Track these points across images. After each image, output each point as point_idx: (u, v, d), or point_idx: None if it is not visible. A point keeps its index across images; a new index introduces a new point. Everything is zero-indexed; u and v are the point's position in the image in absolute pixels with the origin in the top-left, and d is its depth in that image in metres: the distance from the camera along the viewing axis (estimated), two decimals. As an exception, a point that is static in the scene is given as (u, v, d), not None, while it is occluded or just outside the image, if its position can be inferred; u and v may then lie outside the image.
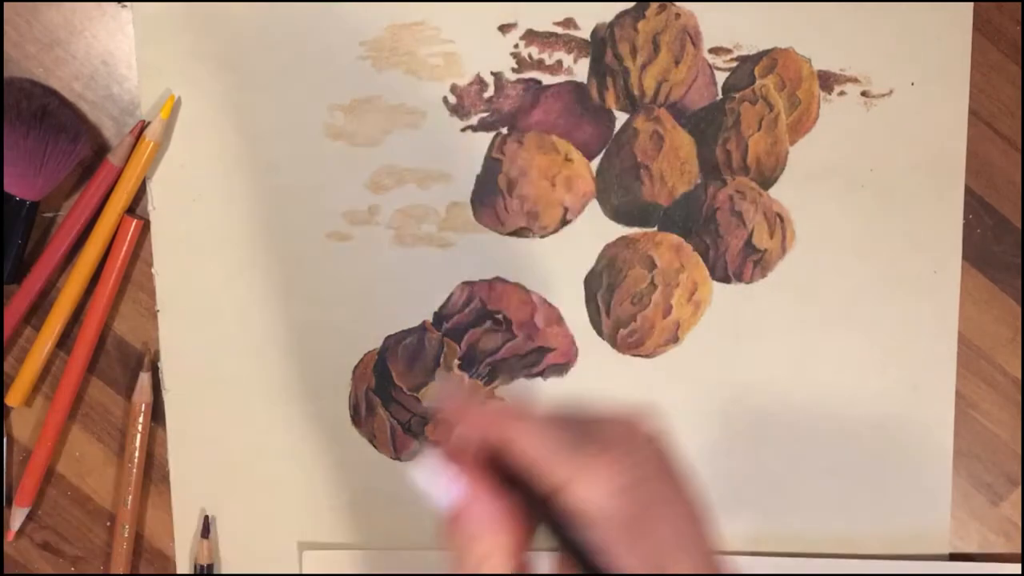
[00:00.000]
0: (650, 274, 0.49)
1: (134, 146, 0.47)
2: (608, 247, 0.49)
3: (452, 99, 0.48)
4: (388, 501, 0.50)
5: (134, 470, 0.49)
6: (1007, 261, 0.50)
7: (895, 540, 0.51)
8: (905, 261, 0.49)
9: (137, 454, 0.49)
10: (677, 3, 0.48)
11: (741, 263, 0.49)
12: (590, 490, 0.29)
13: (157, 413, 0.50)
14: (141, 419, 0.49)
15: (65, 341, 0.49)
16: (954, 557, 0.51)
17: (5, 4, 0.47)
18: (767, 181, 0.49)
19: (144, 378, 0.48)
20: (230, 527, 0.50)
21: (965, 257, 0.50)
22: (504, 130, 0.48)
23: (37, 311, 0.49)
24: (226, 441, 0.50)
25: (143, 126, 0.47)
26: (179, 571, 0.50)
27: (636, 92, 0.48)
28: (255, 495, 0.50)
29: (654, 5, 0.48)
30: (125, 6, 0.48)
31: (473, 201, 0.49)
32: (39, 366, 0.48)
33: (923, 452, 0.50)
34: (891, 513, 0.50)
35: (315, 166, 0.48)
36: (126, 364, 0.49)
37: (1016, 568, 0.50)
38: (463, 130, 0.48)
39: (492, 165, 0.49)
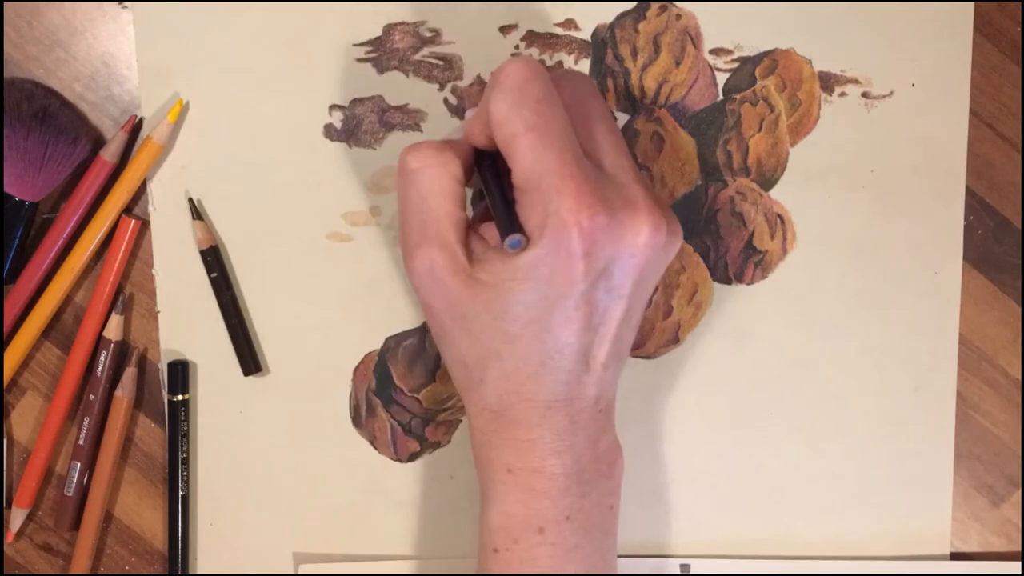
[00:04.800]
0: (651, 275, 0.49)
1: (127, 142, 0.47)
2: (609, 248, 0.49)
3: (453, 100, 0.48)
4: (389, 503, 0.50)
5: (109, 461, 0.49)
6: (1008, 262, 0.50)
7: (896, 541, 0.51)
8: (906, 262, 0.49)
9: (115, 448, 0.49)
10: (678, 4, 0.48)
11: (742, 264, 0.49)
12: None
13: (157, 413, 0.50)
14: (121, 414, 0.49)
15: (65, 341, 0.49)
16: (955, 557, 0.51)
17: (5, 4, 0.47)
18: (768, 182, 0.49)
19: (129, 373, 0.48)
20: (227, 534, 0.50)
21: (966, 258, 0.50)
22: (505, 131, 0.48)
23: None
24: (226, 442, 0.49)
25: (135, 121, 0.47)
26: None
27: (637, 93, 0.48)
28: (255, 497, 0.50)
29: (655, 6, 0.48)
30: (126, 7, 0.48)
31: (474, 202, 0.49)
32: (16, 362, 0.48)
33: (924, 453, 0.50)
34: (892, 514, 0.50)
35: (315, 167, 0.48)
36: (124, 365, 0.49)
37: (1016, 567, 0.50)
38: (464, 131, 0.48)
39: (493, 166, 0.49)
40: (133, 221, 0.48)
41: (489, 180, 0.41)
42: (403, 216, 0.41)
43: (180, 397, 0.48)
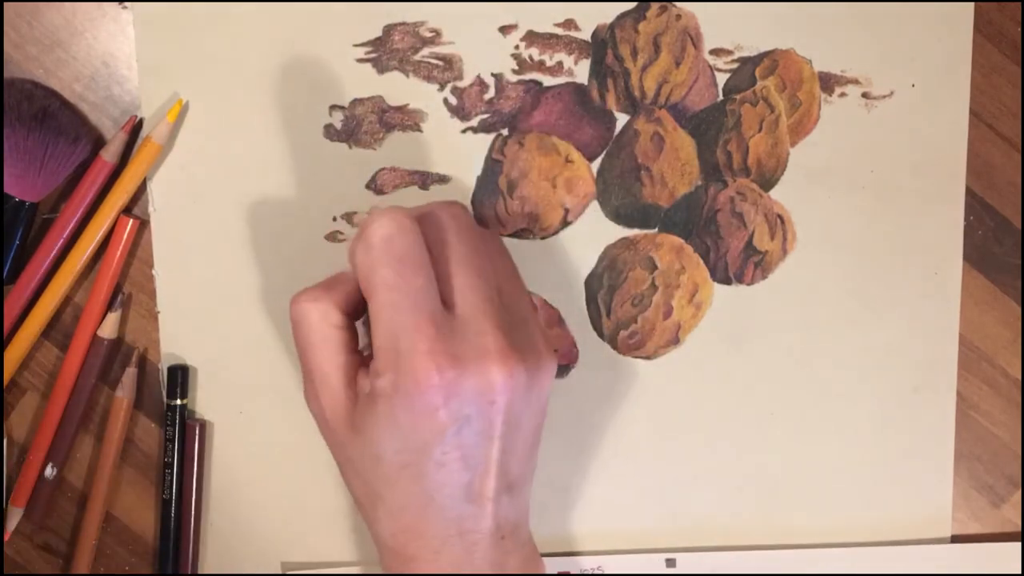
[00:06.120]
0: (651, 276, 0.49)
1: (127, 142, 0.47)
2: (609, 248, 0.49)
3: (452, 100, 0.48)
4: (388, 503, 0.50)
5: (109, 461, 0.49)
6: (1008, 262, 0.50)
7: (895, 540, 0.51)
8: (906, 262, 0.49)
9: (115, 448, 0.49)
10: (678, 4, 0.48)
11: (742, 264, 0.49)
12: None
13: (157, 414, 0.50)
14: (121, 414, 0.48)
15: (64, 341, 0.49)
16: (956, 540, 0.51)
17: (5, 5, 0.47)
18: (768, 182, 0.49)
19: (130, 373, 0.48)
20: (227, 534, 0.50)
21: (966, 258, 0.50)
22: (504, 131, 0.49)
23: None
24: (226, 442, 0.49)
25: (135, 121, 0.47)
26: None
27: (637, 93, 0.48)
28: (255, 497, 0.50)
29: (655, 6, 0.48)
30: (126, 7, 0.48)
31: (474, 202, 0.49)
32: (16, 362, 0.48)
33: (924, 453, 0.50)
34: (892, 515, 0.50)
35: (315, 167, 0.48)
36: (124, 365, 0.49)
37: (1016, 550, 0.50)
38: (463, 131, 0.48)
39: (492, 166, 0.49)
40: (131, 221, 0.48)
41: None
42: (299, 361, 0.42)
43: (179, 402, 0.48)
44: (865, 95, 0.49)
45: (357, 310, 0.42)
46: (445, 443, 0.39)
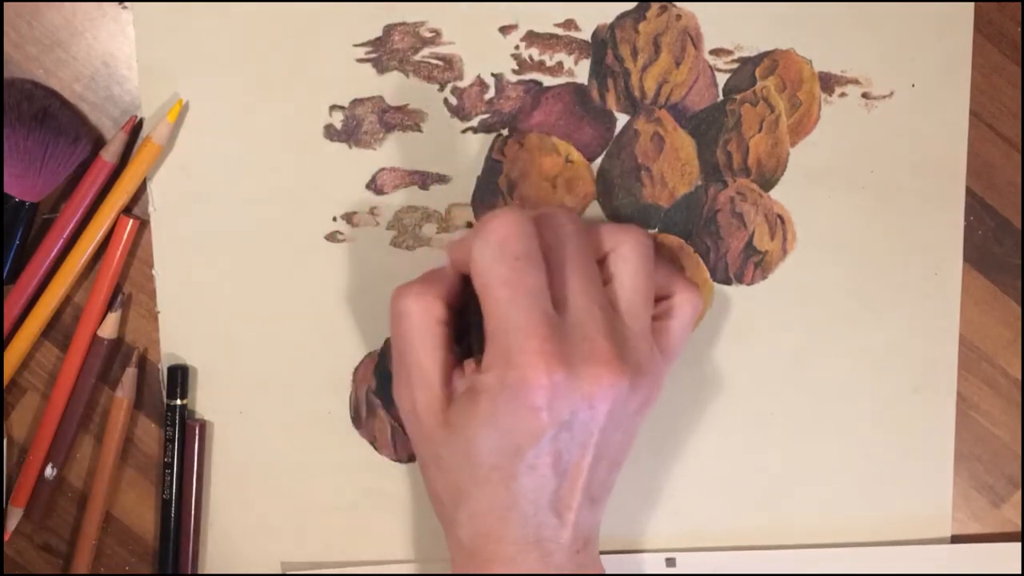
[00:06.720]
0: (651, 275, 0.49)
1: (127, 142, 0.47)
2: (609, 248, 0.49)
3: (453, 100, 0.48)
4: (389, 503, 0.50)
5: (109, 461, 0.49)
6: (1008, 263, 0.50)
7: (895, 539, 0.51)
8: (906, 262, 0.49)
9: (115, 448, 0.49)
10: (678, 4, 0.48)
11: (742, 265, 0.49)
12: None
13: (158, 414, 0.50)
14: (122, 414, 0.49)
15: (65, 341, 0.49)
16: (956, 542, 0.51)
17: (5, 4, 0.47)
18: (768, 182, 0.49)
19: (130, 373, 0.48)
20: (228, 535, 0.50)
21: (966, 259, 0.50)
22: (505, 131, 0.49)
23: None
24: (226, 443, 0.49)
25: (135, 122, 0.47)
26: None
27: (637, 93, 0.48)
28: (255, 497, 0.50)
29: (655, 6, 0.48)
30: (126, 7, 0.48)
31: (474, 203, 0.49)
32: (16, 362, 0.48)
33: (924, 453, 0.50)
34: (892, 515, 0.50)
35: (315, 167, 0.48)
36: (124, 365, 0.49)
37: (1016, 550, 0.50)
38: (464, 131, 0.48)
39: (493, 166, 0.49)
40: (131, 221, 0.48)
41: (478, 306, 0.42)
42: (393, 354, 0.43)
43: (179, 402, 0.48)
44: (865, 95, 0.49)
45: (454, 308, 0.43)
46: (540, 447, 0.39)
